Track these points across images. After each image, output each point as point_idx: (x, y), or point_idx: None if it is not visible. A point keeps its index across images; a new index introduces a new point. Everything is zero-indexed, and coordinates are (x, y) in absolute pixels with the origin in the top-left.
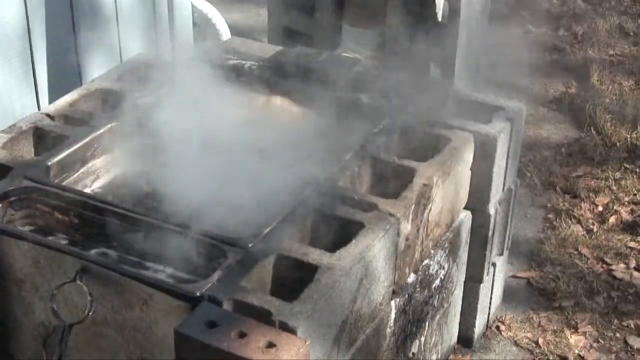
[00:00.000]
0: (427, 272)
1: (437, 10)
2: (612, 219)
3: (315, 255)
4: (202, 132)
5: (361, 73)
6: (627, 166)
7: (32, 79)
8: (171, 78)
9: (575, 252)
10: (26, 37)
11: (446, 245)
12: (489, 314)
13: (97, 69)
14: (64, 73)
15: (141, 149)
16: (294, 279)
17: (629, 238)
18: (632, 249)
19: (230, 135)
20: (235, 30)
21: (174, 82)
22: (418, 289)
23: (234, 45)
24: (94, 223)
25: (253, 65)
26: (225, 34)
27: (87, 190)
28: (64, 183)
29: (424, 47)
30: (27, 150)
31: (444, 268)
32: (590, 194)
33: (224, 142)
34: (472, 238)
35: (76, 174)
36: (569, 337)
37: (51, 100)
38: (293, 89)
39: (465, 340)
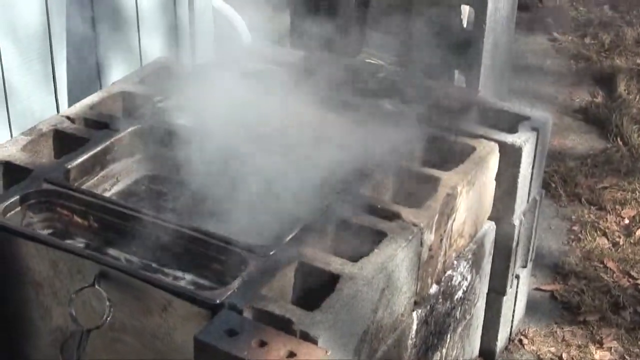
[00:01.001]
0: (449, 284)
1: (462, 16)
2: (638, 232)
3: (337, 264)
4: (224, 137)
5: (384, 79)
6: None
7: (52, 80)
8: (192, 82)
9: (601, 265)
10: (46, 38)
11: (469, 257)
12: (511, 327)
13: (117, 72)
14: (84, 75)
15: (162, 153)
16: (316, 288)
17: None
18: None
19: (252, 140)
20: (256, 35)
21: (196, 86)
22: (440, 300)
23: (255, 49)
24: (114, 227)
25: (275, 70)
26: (247, 38)
27: (107, 194)
28: (84, 186)
29: (448, 54)
30: (47, 153)
31: (466, 279)
32: (617, 206)
33: (246, 148)
34: (495, 249)
35: (96, 178)
36: (593, 353)
37: (71, 102)
38: (315, 95)
39: (487, 354)
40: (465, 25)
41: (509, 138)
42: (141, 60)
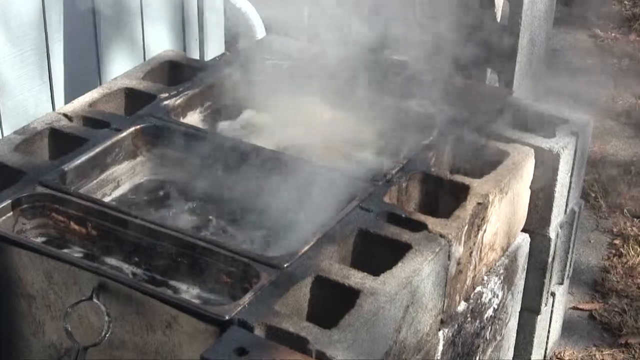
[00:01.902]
0: (479, 301)
1: (496, 10)
2: None
3: (357, 279)
4: (234, 139)
5: (410, 78)
6: None
7: (48, 74)
8: (201, 78)
9: None
10: (42, 28)
11: (501, 272)
12: (546, 349)
13: (118, 67)
14: (83, 69)
15: (167, 155)
16: (334, 304)
17: None
18: None
19: (264, 142)
20: (271, 28)
21: (204, 83)
22: (469, 319)
23: (270, 43)
24: (114, 236)
25: (292, 66)
26: (261, 31)
27: (107, 199)
28: (82, 190)
29: (480, 51)
30: (41, 154)
31: (497, 296)
32: None
33: (257, 150)
34: (529, 264)
35: (95, 181)
36: None
37: (67, 98)
38: (335, 93)
39: None
40: (499, 19)
41: (546, 143)
42: (145, 54)
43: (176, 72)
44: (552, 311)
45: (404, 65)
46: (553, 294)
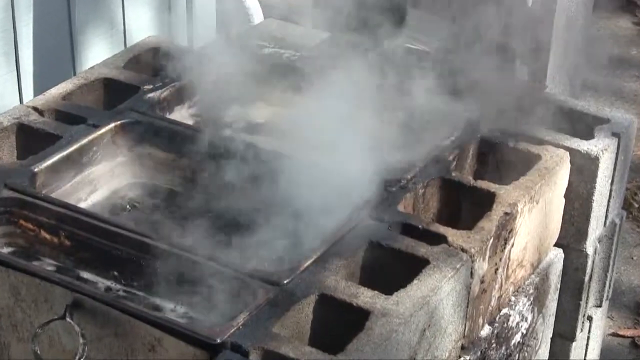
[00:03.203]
0: (505, 325)
1: None
2: None
3: (367, 297)
4: (227, 137)
5: (429, 70)
6: None
7: (15, 62)
8: (190, 68)
9: None
10: (8, 8)
11: (530, 292)
12: None
13: (96, 54)
14: (55, 57)
15: (152, 156)
16: (340, 326)
17: None
18: None
19: (261, 141)
20: (271, 11)
21: (193, 73)
22: (494, 345)
23: (269, 29)
24: (91, 246)
25: (293, 55)
26: (258, 15)
27: (83, 205)
28: (54, 194)
29: (508, 39)
30: (8, 153)
31: (526, 320)
32: None
33: (255, 150)
34: (563, 283)
35: (69, 184)
36: None
37: (37, 89)
38: (343, 87)
39: None
40: (530, 4)
41: (583, 145)
42: (125, 40)
43: (162, 60)
44: (588, 337)
45: (423, 55)
46: (590, 318)
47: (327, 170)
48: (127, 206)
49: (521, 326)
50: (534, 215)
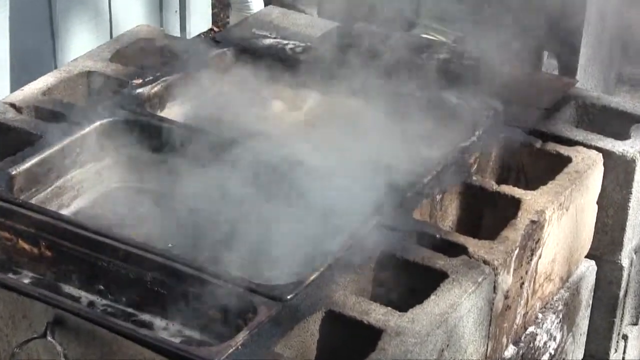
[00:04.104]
0: (532, 344)
1: None
2: None
3: (379, 315)
4: (226, 138)
5: (448, 63)
6: None
7: None
8: (183, 61)
9: None
10: None
11: (559, 308)
12: None
13: (79, 45)
14: (35, 48)
15: (141, 158)
16: (349, 346)
17: None
18: None
19: (263, 142)
20: None
21: (187, 67)
22: None
23: (271, 17)
24: (74, 257)
25: (297, 46)
26: (258, 2)
27: (65, 212)
28: (33, 200)
29: (535, 28)
30: None
31: (555, 339)
32: None
33: (256, 153)
34: (595, 299)
35: (50, 189)
36: None
37: (15, 84)
38: (352, 81)
39: None
40: None
41: (618, 146)
42: (112, 29)
43: (152, 52)
44: (623, 358)
45: (441, 46)
46: (625, 337)
47: (334, 174)
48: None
49: (549, 346)
50: (564, 223)
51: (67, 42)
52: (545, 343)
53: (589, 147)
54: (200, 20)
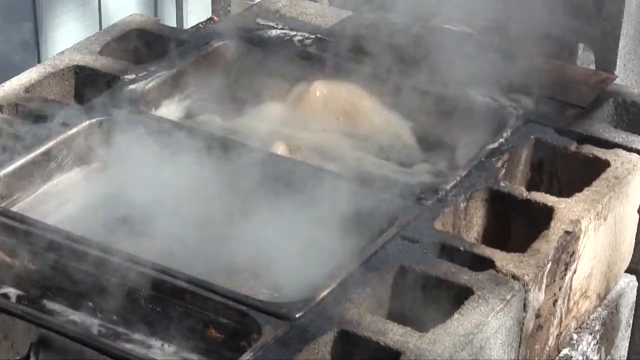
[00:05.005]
0: None
1: None
2: None
3: (397, 335)
4: (228, 139)
5: (473, 56)
6: None
7: None
8: (180, 54)
9: None
10: None
11: (597, 328)
12: None
13: (65, 36)
14: (16, 40)
15: (134, 160)
16: None
17: None
18: None
19: (268, 143)
20: None
21: (185, 61)
22: None
23: (278, 6)
24: (59, 271)
25: (307, 38)
26: None
27: (50, 221)
28: (15, 208)
29: (569, 19)
30: None
31: None
32: None
33: (261, 154)
34: (636, 318)
35: (34, 195)
36: None
37: None
38: (367, 76)
39: None
40: None
41: None
42: (101, 19)
43: (146, 44)
44: None
45: (467, 38)
46: None
47: (348, 181)
48: None
49: None
50: (601, 234)
51: (52, 34)
52: None
53: (629, 150)
54: (198, 8)
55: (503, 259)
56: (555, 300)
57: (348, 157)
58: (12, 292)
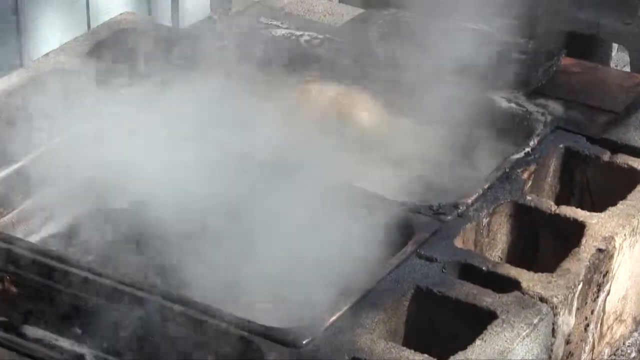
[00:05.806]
0: None
1: None
2: None
3: None
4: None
5: (496, 58)
6: None
7: None
8: (177, 55)
9: None
10: None
11: (632, 355)
12: None
13: (51, 37)
14: None
15: (125, 172)
16: None
17: None
18: None
19: (272, 149)
20: None
21: (180, 62)
22: None
23: (283, 3)
24: (44, 295)
25: (315, 38)
26: None
27: (34, 239)
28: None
29: (602, 18)
30: None
31: None
32: None
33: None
34: None
35: (15, 212)
36: None
37: None
38: (381, 80)
39: None
40: None
41: None
42: (89, 18)
43: (137, 45)
44: None
45: (488, 37)
46: None
47: (361, 193)
48: None
49: None
50: (637, 252)
51: (36, 34)
52: None
53: None
54: (196, 6)
55: (530, 280)
56: (587, 325)
57: (356, 167)
58: None
